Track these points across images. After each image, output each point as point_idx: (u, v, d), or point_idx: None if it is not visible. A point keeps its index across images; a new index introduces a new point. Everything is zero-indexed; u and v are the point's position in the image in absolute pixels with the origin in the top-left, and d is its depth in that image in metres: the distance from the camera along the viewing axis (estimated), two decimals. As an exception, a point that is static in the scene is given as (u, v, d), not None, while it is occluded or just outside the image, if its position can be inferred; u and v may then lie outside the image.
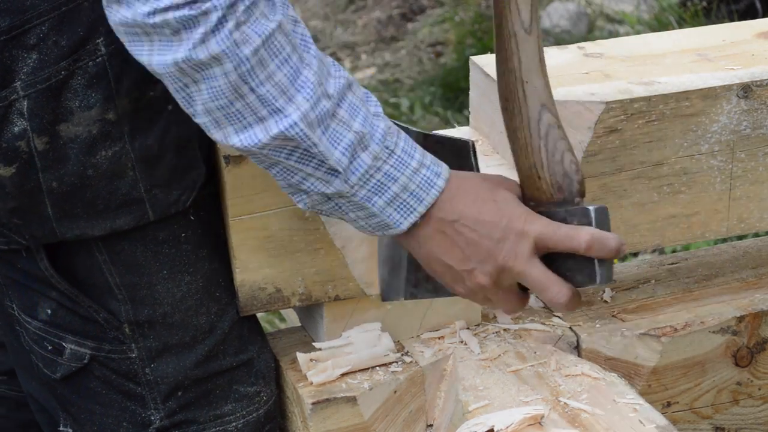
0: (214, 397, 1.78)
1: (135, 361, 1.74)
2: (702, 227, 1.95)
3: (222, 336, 1.77)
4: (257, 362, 1.81)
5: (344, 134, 1.51)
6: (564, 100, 1.82)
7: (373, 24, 6.84)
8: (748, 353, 1.96)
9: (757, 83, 1.88)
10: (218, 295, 1.76)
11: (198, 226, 1.73)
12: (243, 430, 1.80)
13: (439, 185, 1.57)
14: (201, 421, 1.78)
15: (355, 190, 1.53)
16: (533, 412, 1.65)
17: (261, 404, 1.81)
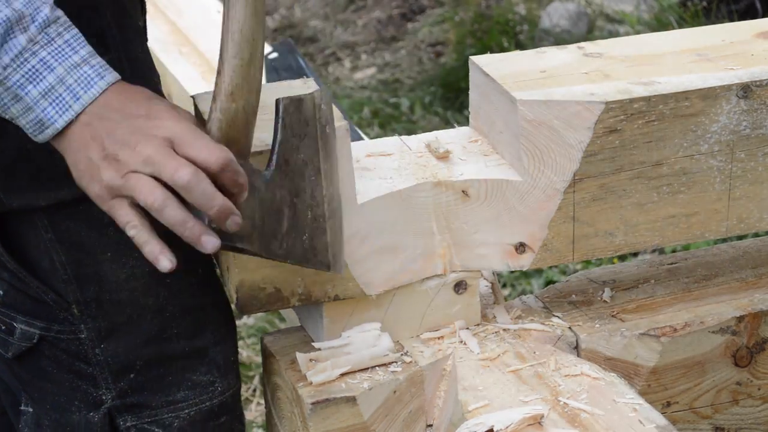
0: (167, 382, 1.80)
1: (84, 341, 1.76)
2: (702, 227, 1.95)
3: (172, 318, 1.78)
4: (212, 352, 1.82)
5: (2, 9, 1.49)
6: (563, 100, 1.82)
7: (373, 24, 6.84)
8: (747, 353, 1.97)
9: (757, 83, 1.88)
10: (168, 281, 1.76)
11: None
12: (195, 417, 1.81)
13: (100, 85, 1.53)
14: (153, 406, 1.80)
15: (8, 73, 1.50)
16: (533, 412, 1.65)
17: (215, 395, 1.83)
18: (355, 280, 1.83)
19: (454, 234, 1.88)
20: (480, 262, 1.91)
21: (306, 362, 1.81)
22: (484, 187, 1.87)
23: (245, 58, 1.61)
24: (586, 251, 1.91)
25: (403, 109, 5.52)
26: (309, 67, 3.14)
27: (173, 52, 3.64)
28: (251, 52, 1.62)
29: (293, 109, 1.70)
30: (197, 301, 1.81)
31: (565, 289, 2.05)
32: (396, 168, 1.89)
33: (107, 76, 1.55)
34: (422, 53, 6.30)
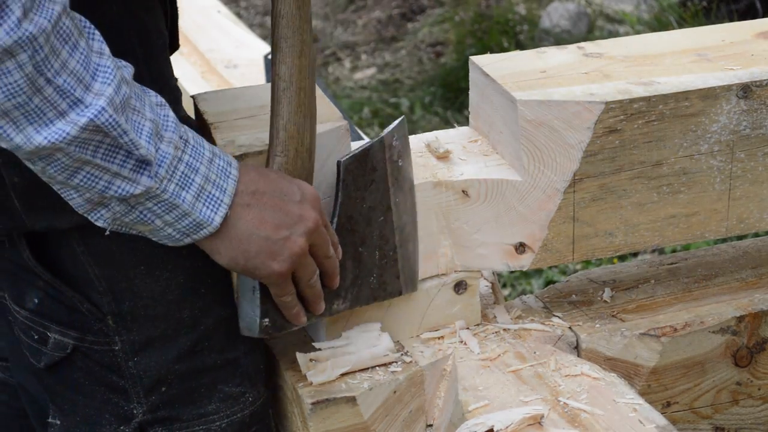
0: (198, 395, 1.78)
1: (118, 353, 1.74)
2: (702, 227, 1.95)
3: (205, 332, 1.76)
4: (243, 362, 1.80)
5: (143, 122, 1.47)
6: (563, 100, 1.82)
7: (373, 24, 6.85)
8: (747, 353, 1.97)
9: (757, 83, 1.88)
10: (202, 291, 1.75)
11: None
12: (227, 430, 1.80)
13: (234, 173, 1.55)
14: (184, 419, 1.78)
15: (164, 185, 1.50)
16: (533, 412, 1.65)
17: (246, 405, 1.81)
18: (355, 280, 1.83)
19: (454, 234, 1.88)
20: (480, 262, 1.91)
21: (306, 362, 1.81)
22: (484, 187, 1.87)
23: (290, 155, 1.64)
24: (586, 251, 1.91)
25: (403, 109, 5.52)
26: (309, 67, 3.14)
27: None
28: (296, 148, 1.64)
29: (356, 166, 1.73)
30: (229, 312, 1.79)
31: (565, 289, 2.05)
32: (396, 168, 1.89)
33: (231, 160, 1.57)
34: (422, 53, 6.30)
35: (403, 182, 1.80)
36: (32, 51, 1.36)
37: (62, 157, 1.43)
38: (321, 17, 6.98)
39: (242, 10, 7.37)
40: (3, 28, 1.34)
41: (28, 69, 1.37)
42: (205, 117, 1.82)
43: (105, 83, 1.42)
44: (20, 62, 1.36)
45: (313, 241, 1.61)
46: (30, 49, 1.36)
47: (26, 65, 1.37)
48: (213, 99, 1.89)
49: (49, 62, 1.38)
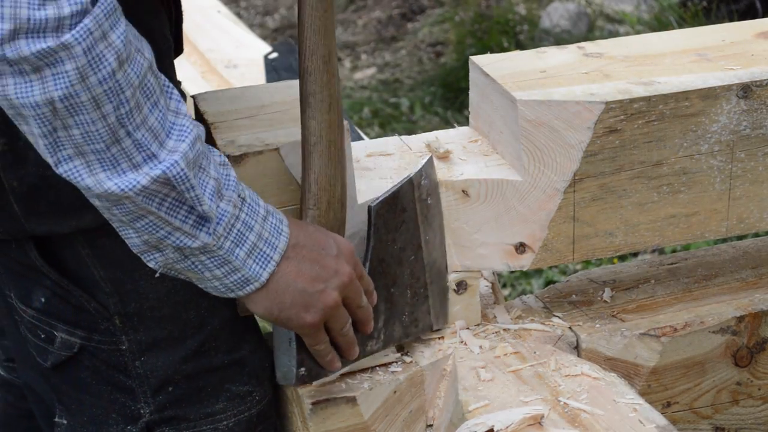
0: (205, 394, 1.79)
1: (125, 353, 1.74)
2: (702, 227, 1.95)
3: (212, 332, 1.77)
4: (250, 361, 1.81)
5: (207, 180, 1.50)
6: (563, 100, 1.82)
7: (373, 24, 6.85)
8: (747, 353, 1.97)
9: (757, 83, 1.88)
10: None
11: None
12: (234, 429, 1.80)
13: (286, 231, 1.58)
14: (192, 419, 1.79)
15: (221, 242, 1.52)
16: (533, 412, 1.65)
17: (253, 404, 1.82)
18: (355, 280, 1.83)
19: (454, 234, 1.88)
20: (480, 262, 1.91)
21: (306, 362, 1.81)
22: (484, 187, 1.87)
23: (322, 208, 1.66)
24: (586, 251, 1.91)
25: (403, 109, 5.52)
26: (309, 67, 3.14)
27: (173, 52, 3.63)
28: (329, 200, 1.66)
29: (386, 209, 1.75)
30: (235, 312, 1.80)
31: (565, 289, 2.05)
32: (396, 168, 1.89)
33: (283, 217, 1.59)
34: (422, 53, 6.30)
35: (432, 219, 1.82)
36: (118, 103, 1.39)
37: (128, 203, 1.46)
38: (321, 17, 6.97)
39: (242, 10, 7.37)
40: (96, 77, 1.37)
41: (111, 119, 1.40)
42: (205, 117, 1.82)
43: (180, 140, 1.45)
44: (105, 112, 1.39)
45: (347, 294, 1.64)
46: (116, 101, 1.39)
47: (110, 116, 1.40)
48: (213, 99, 1.89)
49: (132, 116, 1.42)
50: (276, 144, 1.73)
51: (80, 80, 1.37)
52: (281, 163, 1.73)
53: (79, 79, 1.36)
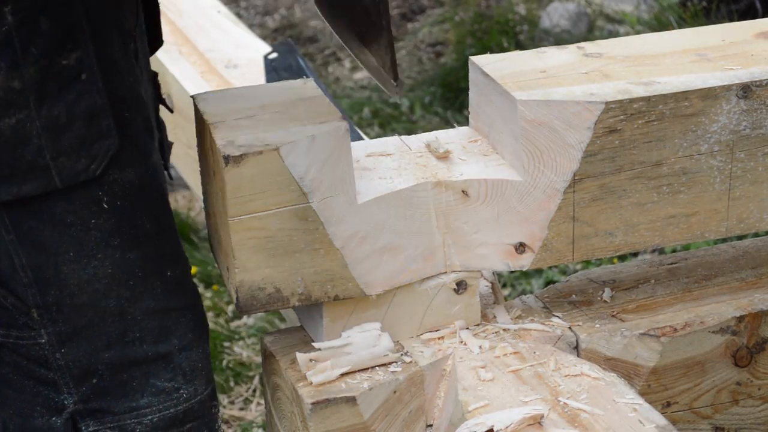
0: (130, 388, 1.79)
1: (45, 346, 1.75)
2: (702, 227, 1.95)
3: (133, 322, 1.77)
4: (178, 358, 1.81)
5: None
6: (563, 100, 1.82)
7: (373, 24, 6.83)
8: (747, 353, 1.97)
9: (757, 83, 1.88)
10: (132, 283, 1.76)
11: (112, 215, 1.73)
12: (159, 425, 1.81)
13: None
14: (116, 412, 1.80)
15: None
16: (533, 412, 1.65)
17: (180, 401, 1.82)
18: (355, 280, 1.83)
19: (454, 234, 1.88)
20: (480, 262, 1.91)
21: (306, 362, 1.81)
22: (484, 187, 1.87)
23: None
24: (586, 251, 1.91)
25: (403, 109, 5.51)
26: (309, 67, 3.14)
27: (173, 52, 3.64)
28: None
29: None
30: (161, 305, 1.79)
31: (565, 289, 2.05)
32: (396, 168, 1.89)
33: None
34: (422, 53, 6.30)
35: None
36: None
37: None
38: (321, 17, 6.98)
39: (242, 10, 7.37)
40: None
41: None
42: (205, 117, 1.82)
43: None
44: None
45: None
46: None
47: None
48: (213, 99, 1.89)
49: None
50: (276, 144, 1.73)
51: None
52: (281, 163, 1.73)
53: None
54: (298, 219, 1.77)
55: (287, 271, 1.79)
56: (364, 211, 1.80)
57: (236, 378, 3.56)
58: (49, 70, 1.63)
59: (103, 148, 1.70)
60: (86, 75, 1.64)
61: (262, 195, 1.74)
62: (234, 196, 1.73)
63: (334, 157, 1.76)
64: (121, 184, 1.73)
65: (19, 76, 1.62)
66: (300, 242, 1.78)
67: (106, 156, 1.70)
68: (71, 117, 1.66)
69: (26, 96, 1.63)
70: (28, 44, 1.61)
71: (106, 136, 1.70)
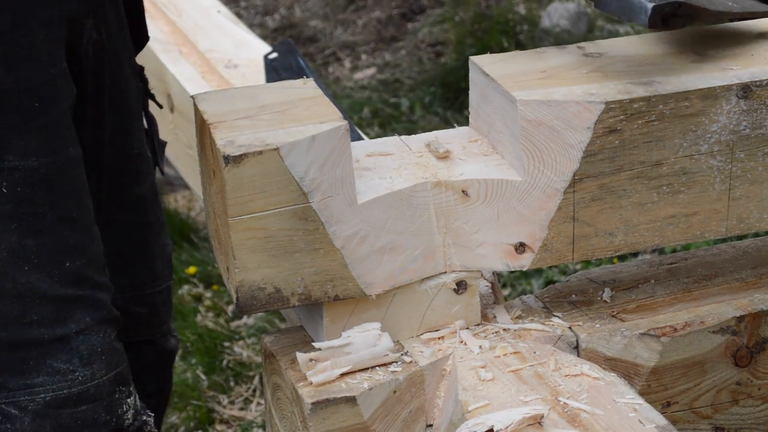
0: (27, 367, 1.84)
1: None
2: (701, 227, 1.95)
3: (30, 305, 1.81)
4: (75, 341, 1.85)
5: None
6: (563, 100, 1.82)
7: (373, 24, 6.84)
8: (747, 353, 1.97)
9: (757, 83, 1.88)
10: (26, 269, 1.81)
11: (9, 200, 1.77)
12: (50, 403, 1.85)
13: None
14: (11, 388, 1.85)
15: None
16: (533, 412, 1.65)
17: (75, 383, 1.86)
18: (355, 280, 1.83)
19: (454, 234, 1.88)
20: (480, 262, 1.91)
21: (306, 362, 1.81)
22: (484, 187, 1.87)
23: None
24: (586, 251, 1.91)
25: (403, 109, 5.51)
26: (309, 67, 3.14)
27: (173, 52, 3.64)
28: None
29: None
30: (57, 293, 1.84)
31: (565, 289, 2.05)
32: (396, 168, 1.90)
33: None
34: (422, 53, 6.30)
35: None
36: None
37: None
38: (321, 17, 6.98)
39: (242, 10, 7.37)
40: None
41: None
42: (205, 117, 1.82)
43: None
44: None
45: None
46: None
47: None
48: (213, 99, 1.89)
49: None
50: (276, 144, 1.73)
51: None
52: (281, 163, 1.73)
53: None
54: (298, 219, 1.77)
55: (287, 271, 1.79)
56: (364, 211, 1.80)
57: (236, 378, 3.56)
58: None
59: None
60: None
61: (262, 195, 1.74)
62: (234, 196, 1.73)
63: (334, 157, 1.76)
64: (22, 171, 1.77)
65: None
66: (300, 242, 1.78)
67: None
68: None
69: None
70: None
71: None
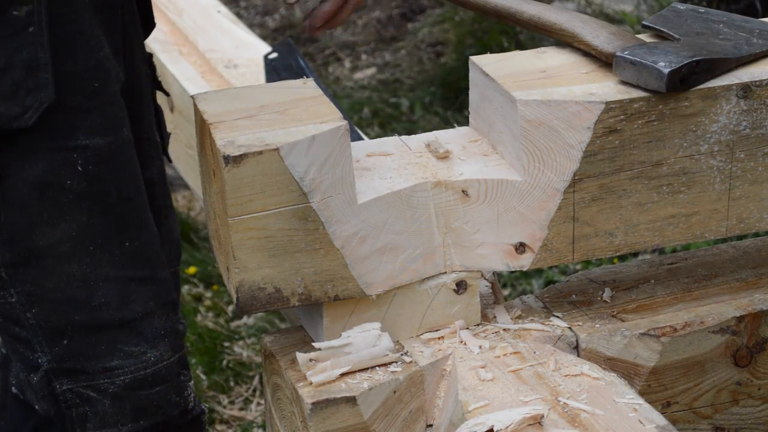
0: (100, 350, 1.87)
1: (15, 305, 1.83)
2: (702, 227, 1.95)
3: (97, 289, 1.84)
4: (140, 325, 1.88)
5: None
6: (563, 100, 1.82)
7: (373, 24, 6.84)
8: (747, 353, 1.97)
9: (757, 83, 1.88)
10: (91, 249, 1.83)
11: (84, 179, 1.80)
12: (130, 385, 1.89)
13: None
14: (90, 372, 1.88)
15: None
16: (533, 412, 1.65)
17: (148, 365, 1.90)
18: (355, 280, 1.83)
19: (454, 234, 1.88)
20: (480, 262, 1.91)
21: (306, 362, 1.81)
22: (484, 187, 1.87)
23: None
24: (586, 251, 1.91)
25: (403, 109, 5.51)
26: (309, 67, 3.14)
27: (173, 52, 3.64)
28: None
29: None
30: (121, 273, 1.86)
31: (565, 289, 2.05)
32: (396, 168, 1.90)
33: None
34: (422, 53, 6.30)
35: None
36: None
37: None
38: (321, 17, 6.97)
39: (242, 10, 7.37)
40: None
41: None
42: (205, 117, 1.82)
43: None
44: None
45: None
46: None
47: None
48: (213, 99, 1.89)
49: None
50: (276, 144, 1.73)
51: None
52: (281, 163, 1.73)
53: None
54: (298, 219, 1.77)
55: (287, 271, 1.79)
56: (364, 211, 1.80)
57: (236, 378, 3.56)
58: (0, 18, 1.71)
59: (39, 100, 1.76)
60: (34, 29, 1.72)
61: (262, 195, 1.74)
62: (234, 196, 1.73)
63: (334, 157, 1.76)
64: (92, 148, 1.81)
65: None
66: (300, 242, 1.78)
67: (40, 108, 1.77)
68: (9, 64, 1.74)
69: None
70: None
71: (42, 88, 1.76)
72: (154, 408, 1.93)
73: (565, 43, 1.98)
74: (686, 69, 1.83)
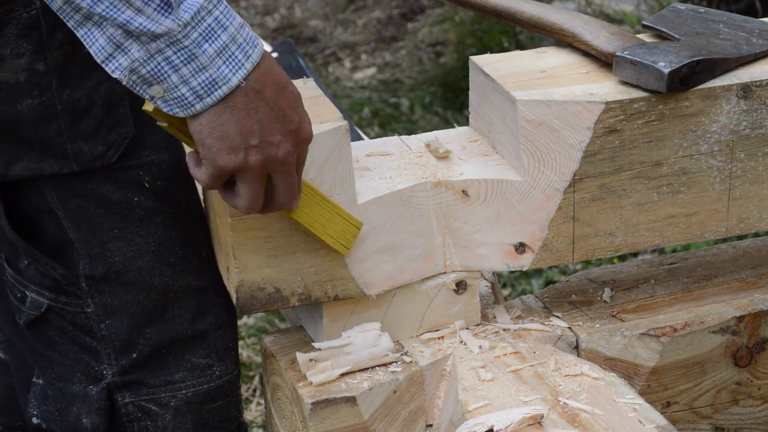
0: (166, 362, 1.84)
1: (90, 315, 1.81)
2: (701, 227, 1.95)
3: (175, 301, 1.82)
4: (212, 336, 1.86)
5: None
6: (563, 100, 1.82)
7: (373, 24, 6.84)
8: (747, 353, 1.97)
9: (757, 83, 1.88)
10: (172, 261, 1.81)
11: (153, 194, 1.78)
12: (192, 399, 1.86)
13: (260, 49, 1.53)
14: (152, 385, 1.84)
15: (187, 31, 1.46)
16: (533, 412, 1.65)
17: (213, 378, 1.87)
18: (355, 280, 1.83)
19: (454, 234, 1.88)
20: (480, 262, 1.91)
21: (306, 362, 1.81)
22: (484, 187, 1.87)
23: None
24: (586, 251, 1.91)
25: (403, 109, 5.51)
26: (309, 67, 3.14)
27: (173, 52, 3.63)
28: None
29: None
30: (200, 283, 1.85)
31: (565, 289, 2.05)
32: (396, 168, 1.90)
33: (258, 42, 1.55)
34: (422, 53, 6.30)
35: None
36: None
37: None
38: (321, 17, 6.98)
39: (242, 10, 7.37)
40: None
41: None
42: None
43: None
44: None
45: (274, 170, 1.58)
46: None
47: None
48: (213, 99, 1.88)
49: None
50: (276, 144, 1.73)
51: None
52: (281, 163, 1.73)
53: None
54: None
55: (287, 271, 1.79)
56: (364, 211, 1.80)
57: (236, 378, 3.56)
58: (72, 56, 1.67)
59: (120, 135, 1.74)
60: None
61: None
62: (234, 196, 1.73)
63: (334, 157, 1.76)
64: (158, 164, 1.78)
65: (44, 59, 1.66)
66: (300, 242, 1.78)
67: (122, 144, 1.75)
68: (91, 102, 1.70)
69: (49, 79, 1.67)
70: (54, 29, 1.65)
71: (123, 123, 1.74)
72: (214, 422, 1.90)
73: (565, 43, 1.98)
74: (686, 69, 1.83)
